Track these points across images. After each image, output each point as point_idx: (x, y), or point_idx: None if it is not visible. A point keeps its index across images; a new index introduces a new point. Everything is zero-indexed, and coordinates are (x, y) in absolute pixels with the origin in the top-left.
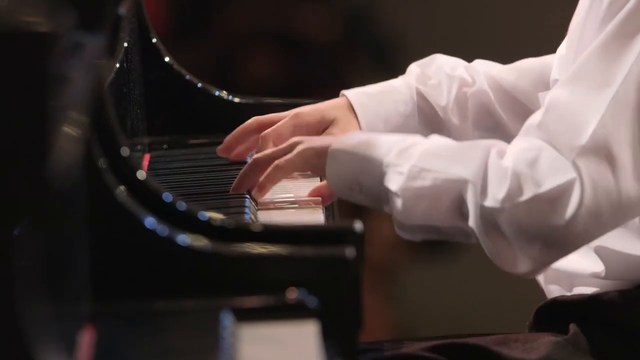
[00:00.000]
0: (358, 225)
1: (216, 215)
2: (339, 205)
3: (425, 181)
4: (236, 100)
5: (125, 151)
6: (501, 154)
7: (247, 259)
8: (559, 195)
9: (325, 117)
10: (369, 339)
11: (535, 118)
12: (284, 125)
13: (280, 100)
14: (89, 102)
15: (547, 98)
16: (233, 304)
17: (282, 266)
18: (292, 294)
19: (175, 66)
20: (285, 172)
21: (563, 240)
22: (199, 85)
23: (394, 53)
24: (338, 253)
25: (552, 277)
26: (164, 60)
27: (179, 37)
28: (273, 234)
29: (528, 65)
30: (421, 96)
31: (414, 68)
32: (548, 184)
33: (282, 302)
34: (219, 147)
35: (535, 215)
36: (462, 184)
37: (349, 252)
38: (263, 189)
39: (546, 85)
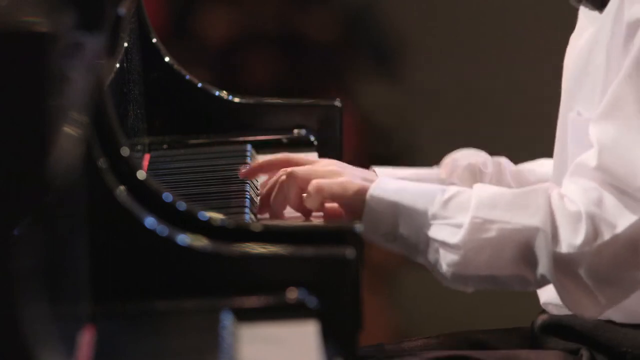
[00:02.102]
0: (358, 226)
1: (216, 215)
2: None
3: (491, 233)
4: (236, 100)
5: (125, 151)
6: (562, 197)
7: (247, 259)
8: (636, 234)
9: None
10: (369, 339)
11: (587, 160)
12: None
13: (280, 100)
14: (89, 102)
15: (593, 137)
16: (233, 304)
17: (282, 266)
18: (292, 294)
19: (175, 66)
20: (323, 196)
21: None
22: (199, 85)
23: (394, 53)
24: (338, 253)
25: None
26: (164, 60)
27: (179, 37)
28: (273, 234)
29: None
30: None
31: (450, 162)
32: (622, 223)
33: (282, 302)
34: (242, 171)
35: (614, 258)
36: (531, 232)
37: (349, 252)
38: (304, 212)
39: None
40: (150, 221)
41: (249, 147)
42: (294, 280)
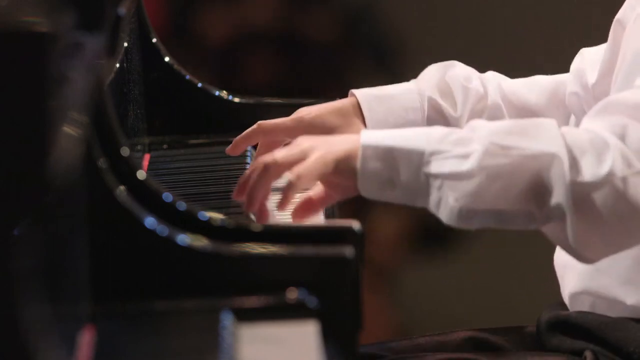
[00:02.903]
0: (358, 225)
1: (216, 215)
2: (339, 205)
3: (506, 159)
4: (236, 100)
5: (125, 151)
6: (580, 130)
7: (247, 259)
8: None
9: (326, 123)
10: (370, 338)
11: (623, 97)
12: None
13: (280, 100)
14: (89, 102)
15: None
16: (233, 304)
17: (282, 266)
18: (292, 294)
19: (175, 66)
20: (305, 183)
21: None
22: (199, 85)
23: (394, 53)
24: (338, 253)
25: (579, 298)
26: (164, 60)
27: (179, 37)
28: (273, 234)
29: (541, 81)
30: (433, 105)
31: (428, 73)
32: None
33: (282, 302)
34: (228, 148)
35: (637, 193)
36: (547, 158)
37: (349, 252)
38: (283, 208)
39: (560, 102)
40: (150, 221)
41: (249, 147)
42: (294, 280)
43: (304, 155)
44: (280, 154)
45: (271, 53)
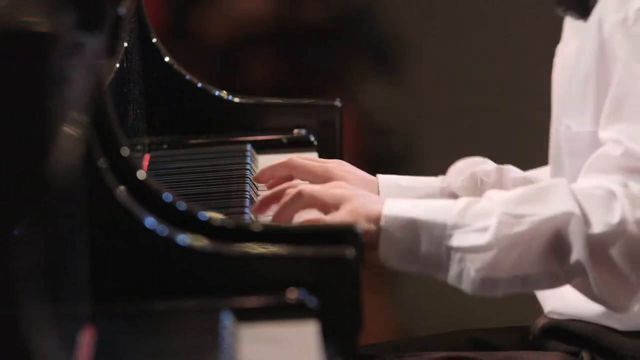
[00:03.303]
0: (358, 226)
1: (216, 215)
2: None
3: (521, 227)
4: (236, 100)
5: (125, 151)
6: (584, 187)
7: (247, 259)
8: None
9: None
10: (370, 338)
11: (608, 151)
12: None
13: (280, 100)
14: (89, 102)
15: (607, 136)
16: (233, 304)
17: (282, 266)
18: (292, 294)
19: (175, 66)
20: None
21: None
22: (199, 85)
23: (394, 53)
24: (338, 253)
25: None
26: (164, 60)
27: (179, 37)
28: (273, 234)
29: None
30: (451, 192)
31: (455, 170)
32: None
33: (282, 302)
34: (254, 176)
35: None
36: (563, 218)
37: (349, 252)
38: None
39: None
40: (150, 221)
41: (249, 147)
42: (294, 280)
43: (339, 201)
44: (318, 189)
45: (271, 53)
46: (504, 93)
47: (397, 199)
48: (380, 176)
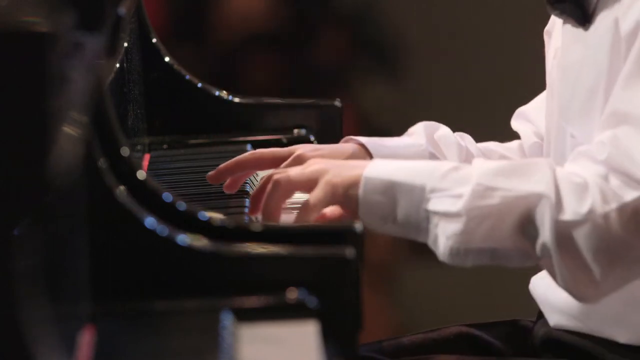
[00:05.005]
0: (358, 225)
1: (216, 215)
2: None
3: (493, 200)
4: (236, 100)
5: (125, 151)
6: (567, 171)
7: (247, 259)
8: None
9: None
10: (370, 338)
11: (594, 152)
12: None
13: (280, 100)
14: (89, 102)
15: (601, 137)
16: (233, 304)
17: (282, 266)
18: (292, 294)
19: (175, 66)
20: (315, 211)
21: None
22: (199, 85)
23: (394, 53)
24: (338, 253)
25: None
26: (164, 60)
27: (179, 37)
28: (273, 234)
29: (506, 145)
30: (433, 156)
31: (419, 129)
32: (629, 195)
33: (282, 302)
34: (209, 174)
35: (620, 230)
36: (533, 199)
37: (349, 252)
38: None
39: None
40: (150, 221)
41: (249, 147)
42: (294, 280)
43: (315, 177)
44: (292, 172)
45: (271, 53)
46: (504, 93)
47: (384, 160)
48: (358, 138)
